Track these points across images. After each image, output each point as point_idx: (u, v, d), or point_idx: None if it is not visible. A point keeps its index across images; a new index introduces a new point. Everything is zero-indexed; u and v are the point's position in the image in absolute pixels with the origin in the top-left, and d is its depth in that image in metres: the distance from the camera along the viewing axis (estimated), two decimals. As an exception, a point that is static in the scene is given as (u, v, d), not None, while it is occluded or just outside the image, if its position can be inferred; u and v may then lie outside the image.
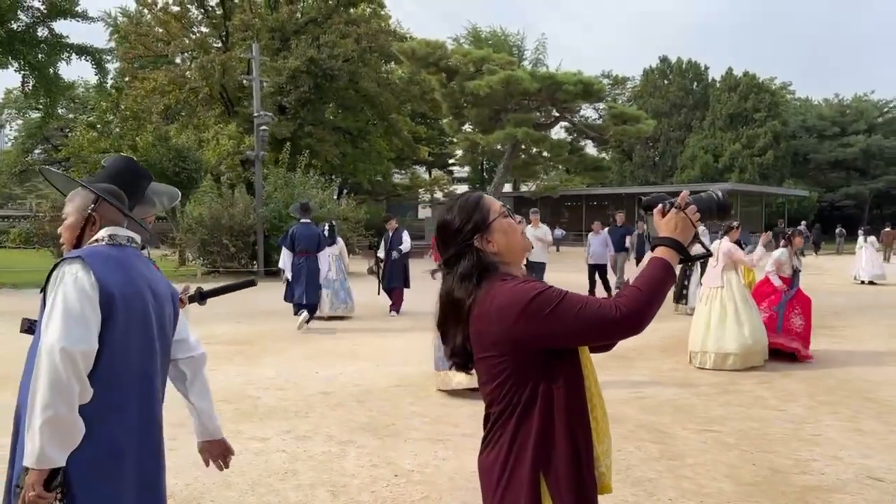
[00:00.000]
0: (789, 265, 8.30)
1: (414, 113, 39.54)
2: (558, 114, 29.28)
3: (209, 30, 33.09)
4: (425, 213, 51.25)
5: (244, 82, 27.30)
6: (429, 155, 43.77)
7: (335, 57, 30.76)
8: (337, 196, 27.71)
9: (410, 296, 12.77)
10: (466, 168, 52.71)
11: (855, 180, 52.51)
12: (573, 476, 1.75)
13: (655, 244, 1.87)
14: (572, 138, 36.47)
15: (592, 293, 12.97)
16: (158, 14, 31.89)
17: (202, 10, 33.00)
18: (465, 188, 53.28)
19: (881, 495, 4.20)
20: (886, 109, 55.10)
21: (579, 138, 37.20)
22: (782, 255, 8.34)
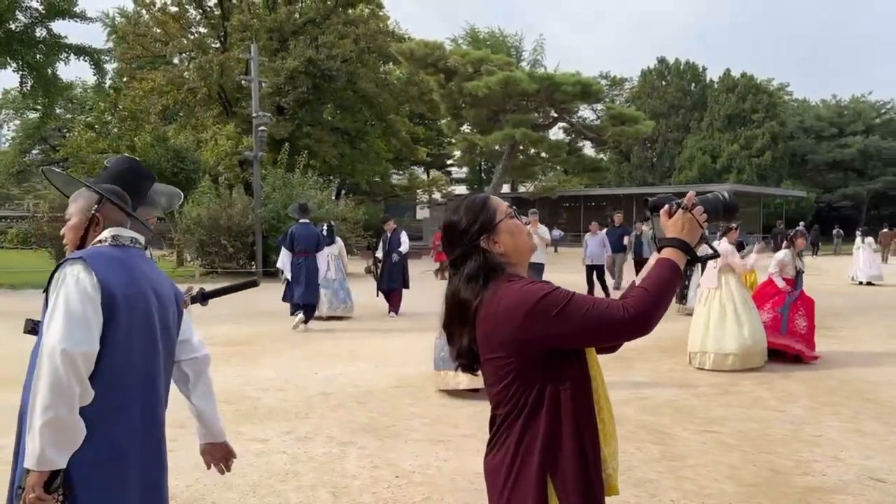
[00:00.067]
0: (792, 266, 8.29)
1: (412, 113, 39.51)
2: (556, 114, 29.29)
3: (207, 30, 33.06)
4: (423, 214, 51.22)
5: (242, 83, 27.25)
6: (427, 156, 43.78)
7: (333, 57, 30.74)
8: (335, 196, 27.68)
9: (409, 296, 12.77)
10: (465, 169, 52.73)
11: (852, 181, 52.61)
12: (580, 478, 1.75)
13: (662, 245, 1.87)
14: (570, 139, 36.48)
15: (591, 294, 12.97)
16: (156, 14, 31.85)
17: (200, 11, 32.98)
18: (464, 189, 53.28)
19: (883, 496, 4.20)
20: (884, 110, 55.22)
21: (577, 139, 37.21)
22: (785, 257, 8.33)
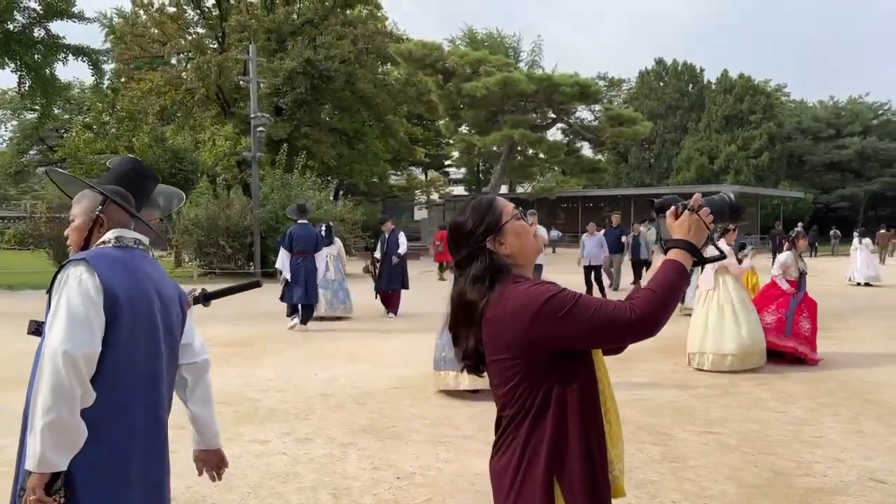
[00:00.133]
0: (795, 268, 8.28)
1: (410, 114, 39.46)
2: (555, 115, 29.29)
3: (205, 31, 32.98)
4: (421, 215, 51.23)
5: (241, 83, 27.22)
6: (425, 156, 43.73)
7: (332, 58, 30.70)
8: (333, 197, 27.67)
9: (408, 297, 12.76)
10: (463, 169, 52.72)
11: (850, 182, 52.72)
12: (587, 479, 1.75)
13: (669, 246, 1.87)
14: (568, 140, 36.47)
15: (589, 294, 12.98)
16: (154, 15, 31.77)
17: (198, 11, 32.89)
18: (462, 189, 53.28)
19: (884, 497, 4.20)
20: (881, 111, 55.35)
21: (575, 140, 37.22)
22: (788, 258, 8.33)
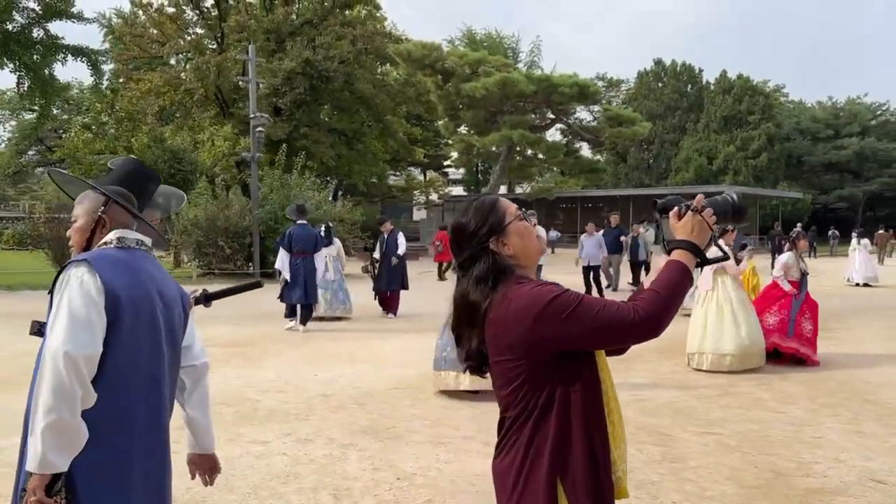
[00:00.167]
0: (797, 268, 8.29)
1: (409, 114, 39.44)
2: (554, 116, 29.31)
3: (204, 31, 32.96)
4: (420, 215, 51.24)
5: (240, 84, 27.22)
6: (424, 157, 43.74)
7: (331, 58, 30.69)
8: (332, 198, 27.64)
9: (407, 297, 12.76)
10: (461, 170, 52.71)
11: (848, 182, 52.78)
12: (590, 480, 1.74)
13: (672, 247, 1.87)
14: (567, 140, 36.49)
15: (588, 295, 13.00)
16: (153, 15, 31.75)
17: (197, 12, 32.86)
18: (461, 190, 53.29)
19: (884, 498, 4.21)
20: (879, 112, 55.42)
21: (574, 140, 37.23)
22: (789, 259, 8.33)
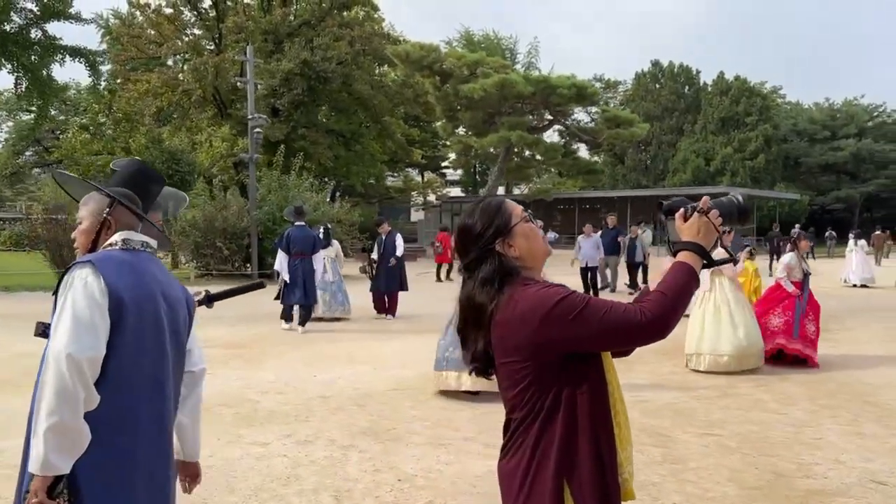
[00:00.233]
0: (799, 269, 8.29)
1: (407, 116, 39.44)
2: (552, 117, 29.25)
3: (202, 32, 32.96)
4: (418, 216, 51.25)
5: (238, 85, 27.20)
6: (422, 158, 43.70)
7: (328, 59, 30.69)
8: (330, 199, 27.65)
9: (406, 298, 12.75)
10: (459, 171, 52.71)
11: (845, 184, 52.87)
12: (597, 482, 1.74)
13: (678, 249, 1.87)
14: (565, 141, 36.51)
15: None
16: (151, 16, 31.74)
17: (195, 13, 32.85)
18: (458, 191, 53.30)
19: (885, 499, 4.21)
20: (876, 114, 55.52)
21: (572, 142, 37.24)
22: (791, 260, 8.34)
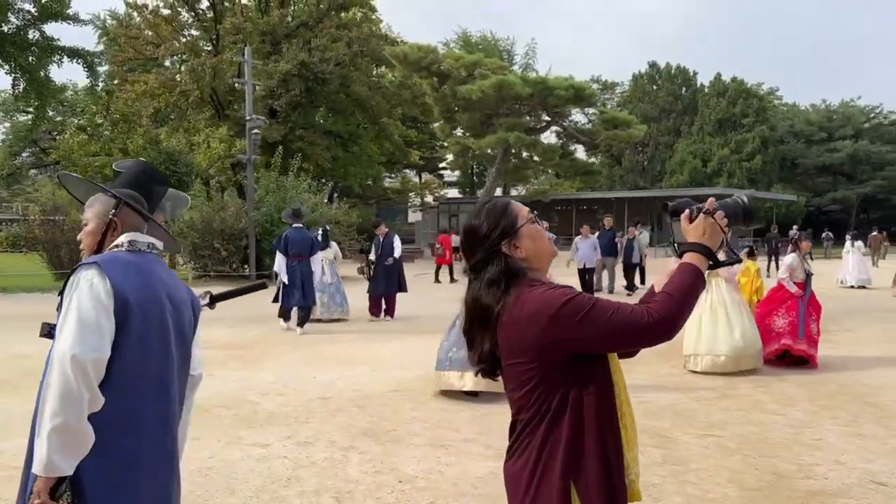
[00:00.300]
0: (801, 270, 8.31)
1: (405, 117, 39.46)
2: (549, 118, 29.23)
3: (199, 33, 32.93)
4: (416, 217, 51.25)
5: (235, 86, 27.20)
6: (419, 159, 43.73)
7: (326, 61, 30.70)
8: (328, 200, 27.62)
9: (404, 300, 12.74)
10: (457, 172, 52.71)
11: (842, 185, 52.95)
12: (604, 483, 1.75)
13: (684, 250, 1.88)
14: (563, 143, 36.49)
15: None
16: (148, 17, 31.73)
17: (192, 14, 32.84)
18: (456, 192, 53.30)
19: (886, 500, 4.22)
20: (872, 115, 55.61)
21: (570, 143, 37.21)
22: (793, 261, 8.35)
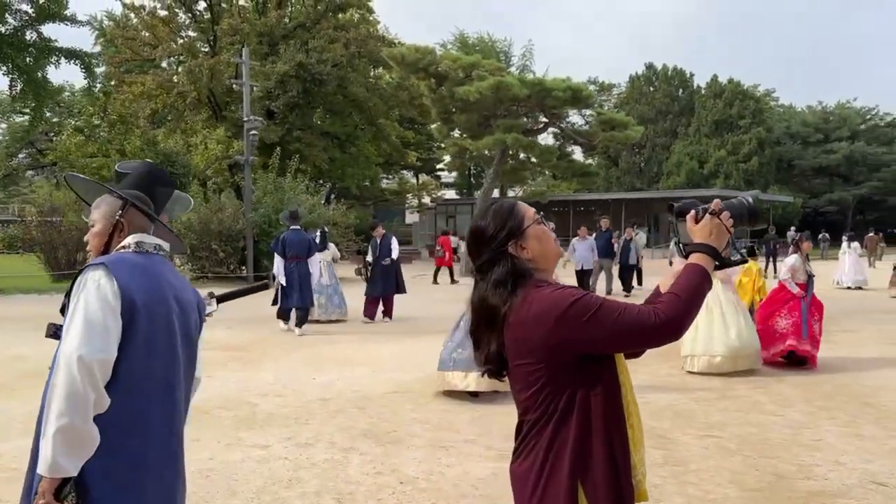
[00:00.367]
0: (803, 271, 8.33)
1: (402, 118, 39.46)
2: (547, 120, 29.24)
3: (197, 34, 32.88)
4: (413, 218, 51.25)
5: (233, 87, 27.17)
6: (417, 160, 43.73)
7: (324, 62, 30.69)
8: (325, 201, 27.60)
9: (402, 301, 12.73)
10: (454, 173, 52.71)
11: (838, 186, 53.07)
12: (611, 484, 1.75)
13: (690, 250, 1.89)
14: (560, 144, 36.51)
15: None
16: (145, 18, 31.69)
17: (190, 15, 32.80)
18: (453, 193, 53.29)
19: (886, 500, 4.23)
20: (869, 116, 55.76)
21: (567, 144, 37.23)
22: (795, 262, 8.38)
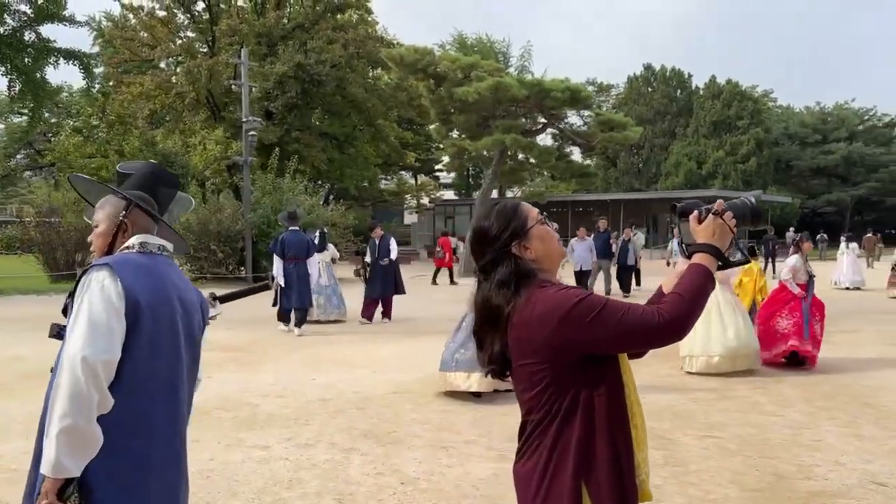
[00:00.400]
0: (804, 271, 8.34)
1: (401, 118, 39.44)
2: (546, 120, 29.24)
3: (196, 35, 32.86)
4: (411, 219, 51.26)
5: (232, 87, 27.16)
6: (415, 161, 43.71)
7: (322, 62, 30.69)
8: (324, 202, 27.61)
9: (402, 301, 12.74)
10: (453, 174, 52.73)
11: (836, 187, 53.12)
12: (615, 484, 1.75)
13: (693, 251, 1.89)
14: (559, 145, 36.53)
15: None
16: (144, 18, 31.66)
17: (188, 15, 32.78)
18: (452, 194, 53.30)
19: (886, 500, 4.24)
20: (867, 117, 55.84)
21: (566, 145, 37.25)
22: (796, 262, 8.38)
